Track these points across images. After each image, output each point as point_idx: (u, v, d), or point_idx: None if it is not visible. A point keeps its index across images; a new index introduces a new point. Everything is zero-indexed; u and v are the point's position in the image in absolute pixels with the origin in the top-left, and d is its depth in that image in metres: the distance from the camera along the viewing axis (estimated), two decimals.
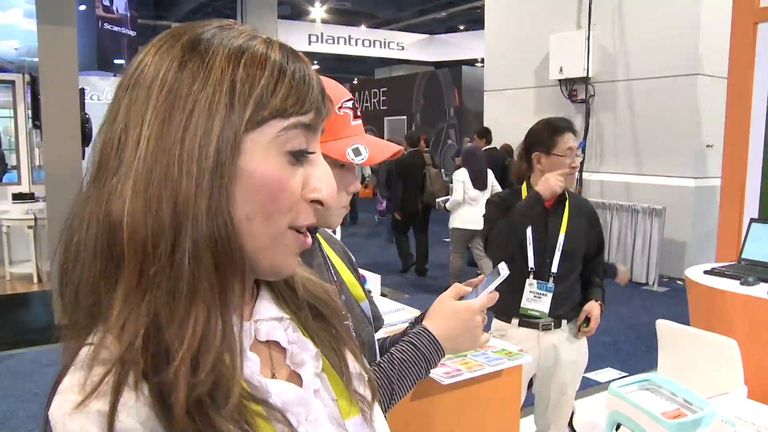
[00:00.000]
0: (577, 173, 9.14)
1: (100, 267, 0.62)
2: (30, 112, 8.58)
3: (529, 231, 2.68)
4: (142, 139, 0.61)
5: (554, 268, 2.69)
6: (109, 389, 0.56)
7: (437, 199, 7.60)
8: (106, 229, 0.61)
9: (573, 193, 2.81)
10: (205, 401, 0.58)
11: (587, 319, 2.75)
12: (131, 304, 0.59)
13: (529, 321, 2.70)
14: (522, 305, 2.68)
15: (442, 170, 9.11)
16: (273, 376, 0.72)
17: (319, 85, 0.68)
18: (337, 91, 1.21)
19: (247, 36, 0.66)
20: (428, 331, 1.28)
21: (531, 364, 2.68)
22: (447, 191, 7.69)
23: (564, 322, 2.75)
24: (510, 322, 2.73)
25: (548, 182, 2.57)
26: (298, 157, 0.66)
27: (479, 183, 6.97)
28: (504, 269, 1.27)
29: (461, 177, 7.02)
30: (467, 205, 7.04)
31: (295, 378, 0.74)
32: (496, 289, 1.29)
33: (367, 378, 0.82)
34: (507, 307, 2.71)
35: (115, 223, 0.60)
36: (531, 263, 2.69)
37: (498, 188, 7.06)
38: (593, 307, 2.74)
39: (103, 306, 0.61)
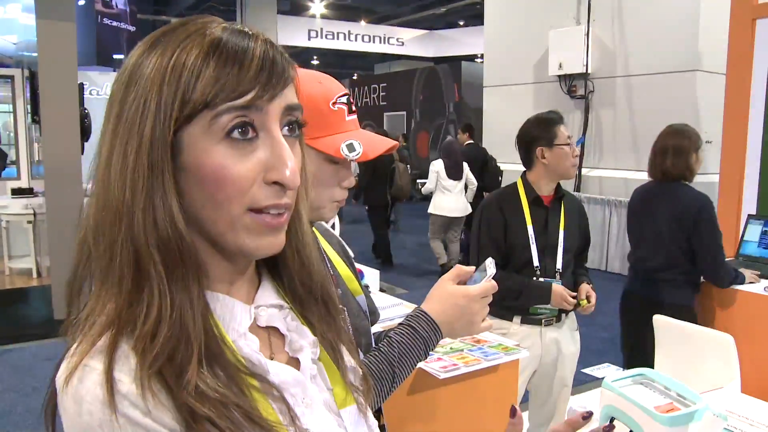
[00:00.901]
0: (575, 170, 9.17)
1: (86, 262, 0.68)
2: (29, 107, 8.57)
3: (531, 230, 2.70)
4: (102, 147, 0.67)
5: (558, 265, 2.71)
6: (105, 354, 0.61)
7: (419, 181, 8.13)
8: (84, 228, 0.68)
9: (565, 190, 2.85)
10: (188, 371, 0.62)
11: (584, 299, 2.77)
12: (101, 297, 0.66)
13: (530, 318, 2.72)
14: (532, 305, 2.71)
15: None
16: (271, 360, 0.74)
17: (266, 62, 0.66)
18: (331, 86, 1.21)
19: (195, 29, 0.67)
20: (426, 313, 1.28)
21: (532, 360, 2.69)
22: (414, 186, 8.35)
23: (563, 315, 2.78)
24: (511, 320, 2.74)
25: (560, 302, 2.68)
26: (243, 136, 0.65)
27: (453, 173, 7.51)
28: (491, 267, 1.28)
29: (436, 167, 7.59)
30: (441, 193, 7.58)
31: (294, 364, 0.76)
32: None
33: (361, 373, 0.83)
34: (508, 305, 2.72)
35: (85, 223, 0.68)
36: (536, 262, 2.70)
37: (472, 179, 7.73)
38: (588, 288, 2.78)
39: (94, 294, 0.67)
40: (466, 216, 7.71)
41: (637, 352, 3.15)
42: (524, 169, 2.80)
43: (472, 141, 8.81)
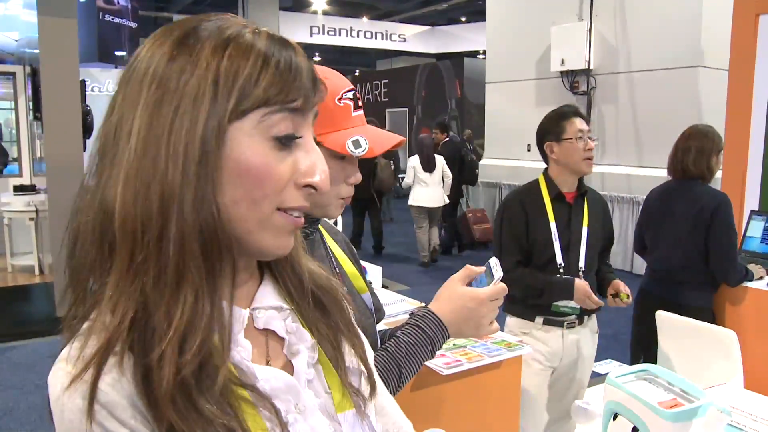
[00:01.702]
0: None
1: (96, 252, 0.65)
2: (31, 104, 8.58)
3: (553, 227, 2.66)
4: (133, 132, 0.64)
5: (581, 263, 2.68)
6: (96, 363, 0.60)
7: (399, 175, 8.75)
8: (101, 217, 0.64)
9: (589, 186, 2.81)
10: (188, 383, 0.61)
11: (615, 294, 2.72)
12: (122, 288, 0.62)
13: (553, 319, 2.69)
14: (554, 303, 2.65)
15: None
16: (268, 364, 0.74)
17: (309, 72, 0.69)
18: (338, 82, 1.20)
19: (236, 27, 0.67)
20: (433, 313, 1.28)
21: (552, 359, 2.68)
22: (395, 179, 8.92)
23: (585, 317, 2.75)
24: (533, 321, 2.71)
25: (583, 299, 2.60)
26: (285, 142, 0.67)
27: (428, 167, 8.14)
28: (497, 269, 1.27)
29: (413, 163, 8.23)
30: (418, 186, 8.24)
31: (291, 368, 0.75)
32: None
33: (366, 374, 0.82)
34: (531, 306, 2.70)
35: (109, 211, 0.63)
36: (559, 259, 2.66)
37: (448, 173, 8.30)
38: (622, 283, 2.75)
39: (100, 289, 0.65)
40: (443, 207, 8.47)
41: (650, 352, 3.13)
42: (527, 165, 2.79)
43: (448, 138, 9.22)
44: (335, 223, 6.83)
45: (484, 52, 12.75)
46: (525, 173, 9.99)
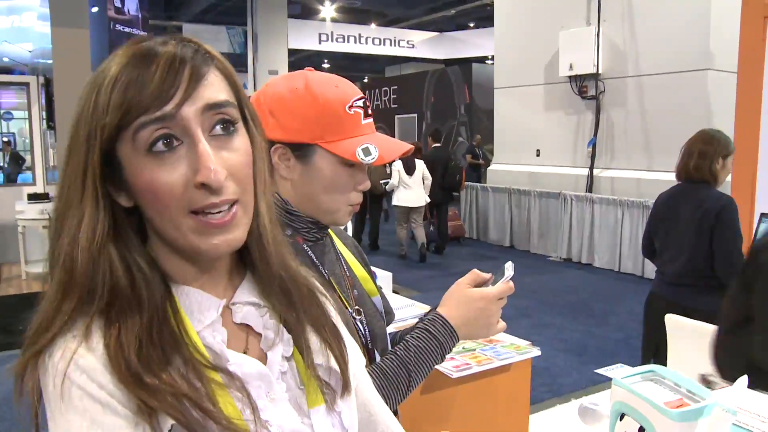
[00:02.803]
0: (587, 170, 9.15)
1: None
2: (44, 113, 8.67)
3: None
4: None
5: None
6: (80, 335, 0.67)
7: (381, 182, 9.30)
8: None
9: None
10: (147, 356, 0.66)
11: None
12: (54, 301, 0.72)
13: None
14: None
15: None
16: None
17: (163, 78, 0.69)
18: (348, 90, 1.22)
19: (118, 52, 0.73)
20: (442, 317, 1.27)
21: None
22: (385, 179, 9.45)
23: None
24: None
25: None
26: (168, 147, 0.69)
27: (409, 170, 8.89)
28: (509, 269, 1.28)
29: (397, 166, 8.91)
30: (402, 188, 9.02)
31: (266, 361, 0.78)
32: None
33: (339, 374, 0.83)
34: None
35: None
36: None
37: (428, 175, 9.02)
38: None
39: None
40: (424, 206, 9.29)
41: (660, 356, 3.14)
42: (536, 170, 2.81)
43: (438, 144, 9.94)
44: (345, 228, 6.84)
45: (492, 58, 12.77)
46: (534, 178, 10.01)
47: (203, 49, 0.73)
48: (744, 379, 1.41)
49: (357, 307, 1.30)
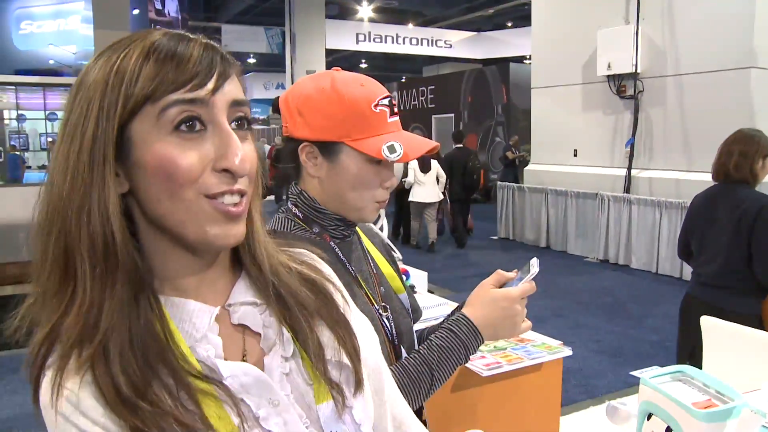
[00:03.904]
0: (625, 170, 9.03)
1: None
2: None
3: None
4: (52, 154, 0.72)
5: None
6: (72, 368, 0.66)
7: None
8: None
9: None
10: (133, 380, 0.66)
11: None
12: (39, 299, 0.71)
13: None
14: None
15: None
16: (243, 359, 0.76)
17: (203, 60, 0.70)
18: (373, 89, 1.24)
19: (137, 37, 0.71)
20: (467, 317, 1.27)
21: None
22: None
23: None
24: None
25: None
26: (191, 130, 0.69)
27: (424, 168, 9.41)
28: (535, 265, 1.28)
29: (413, 165, 9.40)
30: (417, 185, 9.59)
31: (263, 365, 0.77)
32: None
33: (352, 369, 0.82)
34: None
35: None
36: None
37: (442, 173, 9.64)
38: None
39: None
40: (438, 202, 9.88)
41: (696, 358, 3.09)
42: (573, 170, 2.80)
43: (460, 145, 10.45)
44: (381, 229, 6.86)
45: (530, 57, 12.69)
46: (571, 179, 9.91)
47: (224, 51, 0.74)
48: None
49: (384, 304, 1.32)
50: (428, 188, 9.61)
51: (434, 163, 9.53)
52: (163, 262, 0.74)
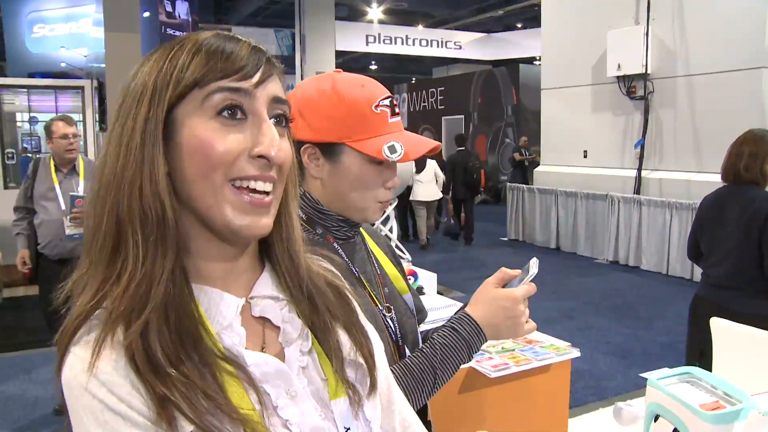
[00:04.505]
0: (635, 171, 9.00)
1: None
2: (98, 116, 8.91)
3: None
4: (107, 134, 0.76)
5: None
6: (96, 343, 0.68)
7: None
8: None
9: None
10: (167, 351, 0.68)
11: None
12: (88, 269, 0.74)
13: None
14: None
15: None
16: (262, 350, 0.78)
17: (248, 56, 0.74)
18: (374, 90, 1.25)
19: (189, 36, 0.76)
20: (469, 316, 1.27)
21: None
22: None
23: None
24: None
25: None
26: (229, 118, 0.73)
27: (419, 168, 9.80)
28: (534, 266, 1.27)
29: (409, 165, 10.02)
30: (416, 185, 10.04)
31: (284, 355, 0.80)
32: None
33: (366, 369, 0.85)
34: None
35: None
36: None
37: (440, 173, 10.24)
38: None
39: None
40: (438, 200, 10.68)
41: (705, 360, 3.08)
42: (583, 171, 2.80)
43: (462, 148, 11.29)
44: (390, 230, 6.86)
45: (540, 59, 12.67)
46: (581, 180, 9.89)
47: (270, 55, 0.78)
48: None
49: (387, 305, 1.32)
50: (426, 187, 10.14)
51: (431, 163, 9.91)
52: (195, 247, 0.77)
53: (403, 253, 6.93)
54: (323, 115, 1.22)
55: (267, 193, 0.75)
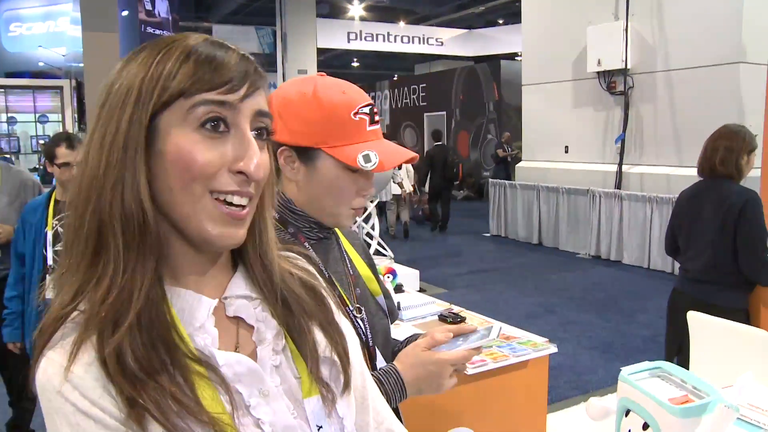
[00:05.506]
0: (616, 166, 9.05)
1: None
2: (77, 115, 8.84)
3: None
4: (87, 135, 0.75)
5: None
6: (71, 347, 0.69)
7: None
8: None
9: None
10: (137, 355, 0.68)
11: None
12: (67, 273, 0.74)
13: None
14: None
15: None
16: (236, 350, 0.79)
17: (238, 67, 0.74)
18: (355, 96, 1.24)
19: (179, 38, 0.75)
20: (398, 373, 1.30)
21: None
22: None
23: None
24: None
25: None
26: (213, 130, 0.73)
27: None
28: (495, 332, 1.29)
29: None
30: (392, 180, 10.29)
31: (257, 356, 0.80)
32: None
33: (341, 367, 0.86)
34: None
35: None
36: None
37: (410, 168, 10.59)
38: None
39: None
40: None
41: (684, 353, 3.11)
42: (564, 167, 2.81)
43: (440, 142, 12.00)
44: (372, 226, 6.84)
45: (521, 54, 12.71)
46: (562, 175, 9.93)
47: (258, 66, 0.78)
48: (748, 375, 1.41)
49: (358, 306, 1.33)
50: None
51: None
52: (170, 252, 0.77)
53: (386, 251, 6.94)
54: (301, 118, 1.22)
55: (243, 207, 0.75)
